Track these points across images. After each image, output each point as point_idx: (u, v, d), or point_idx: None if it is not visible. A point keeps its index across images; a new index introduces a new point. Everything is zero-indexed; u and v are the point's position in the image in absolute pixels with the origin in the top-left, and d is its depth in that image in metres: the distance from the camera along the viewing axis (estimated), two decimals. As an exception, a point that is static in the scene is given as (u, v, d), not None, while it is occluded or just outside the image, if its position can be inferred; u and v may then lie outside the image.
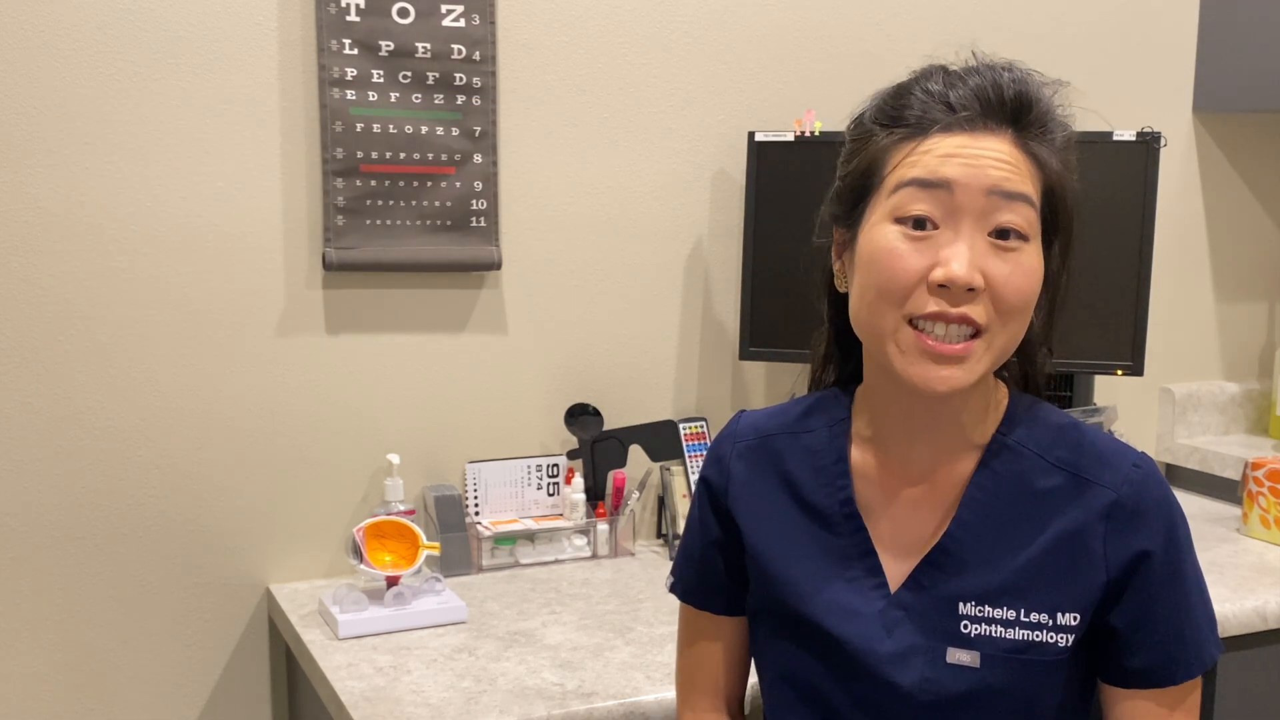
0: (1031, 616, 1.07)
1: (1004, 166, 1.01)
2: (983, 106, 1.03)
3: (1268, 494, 2.04)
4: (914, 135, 1.04)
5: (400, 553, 1.70)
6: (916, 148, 1.03)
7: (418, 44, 1.84)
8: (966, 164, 1.01)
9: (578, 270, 2.01)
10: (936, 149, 1.02)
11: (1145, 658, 1.07)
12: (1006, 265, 1.01)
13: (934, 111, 1.03)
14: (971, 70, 1.06)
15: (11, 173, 1.68)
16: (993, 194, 1.01)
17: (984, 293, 1.01)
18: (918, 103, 1.05)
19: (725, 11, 2.06)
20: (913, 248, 1.02)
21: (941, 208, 1.01)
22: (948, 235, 1.01)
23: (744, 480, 1.19)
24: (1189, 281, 2.53)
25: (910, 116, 1.04)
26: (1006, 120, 1.03)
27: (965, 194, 1.01)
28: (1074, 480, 1.08)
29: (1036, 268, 1.03)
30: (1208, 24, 2.44)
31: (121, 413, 1.77)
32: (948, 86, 1.04)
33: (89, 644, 1.78)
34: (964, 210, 1.01)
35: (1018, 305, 1.02)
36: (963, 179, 1.01)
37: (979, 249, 1.01)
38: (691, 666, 1.26)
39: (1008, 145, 1.03)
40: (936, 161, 1.02)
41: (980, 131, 1.02)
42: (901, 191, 1.03)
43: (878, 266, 1.03)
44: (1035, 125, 1.04)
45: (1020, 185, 1.02)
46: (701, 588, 1.23)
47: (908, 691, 1.08)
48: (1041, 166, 1.04)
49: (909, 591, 1.10)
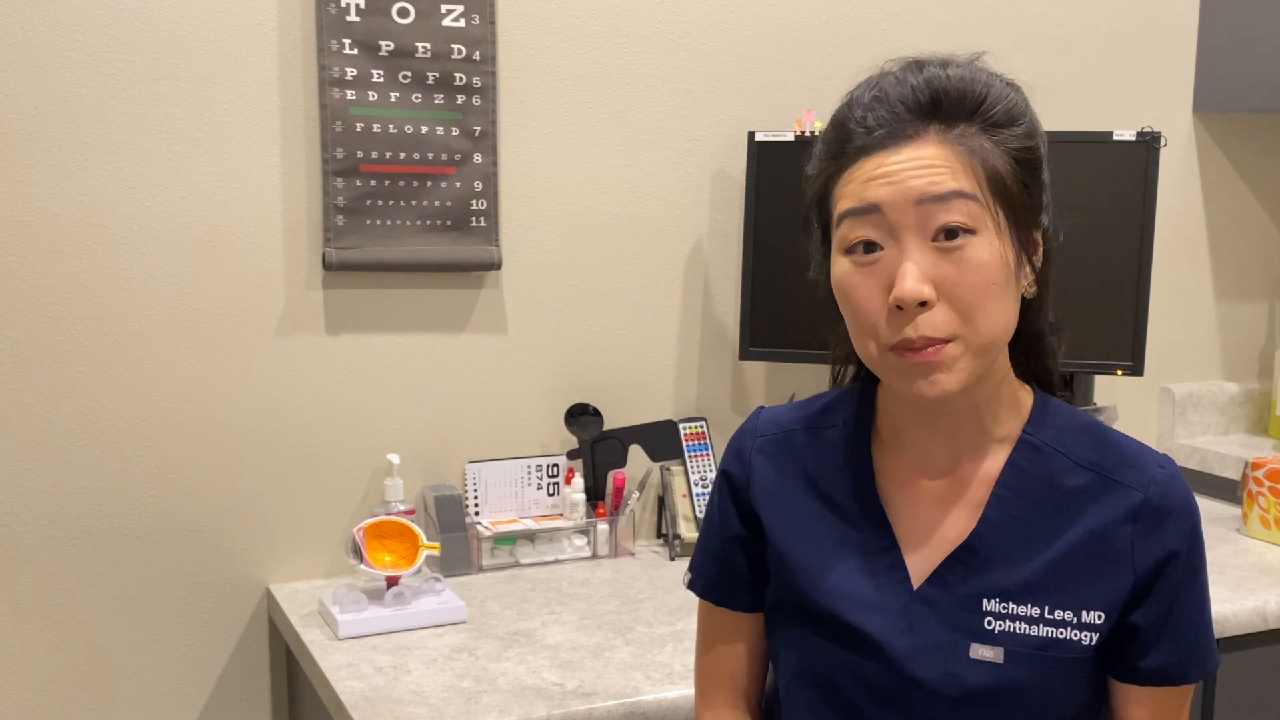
0: (1056, 614, 1.07)
1: (926, 173, 1.01)
2: (896, 116, 1.03)
3: (1268, 494, 2.04)
4: (846, 165, 1.05)
5: (400, 553, 1.70)
6: (848, 176, 1.05)
7: (418, 44, 1.84)
8: (888, 182, 1.02)
9: (578, 270, 2.01)
10: (862, 174, 1.04)
11: (1162, 656, 1.08)
12: (954, 266, 1.01)
13: (858, 138, 1.04)
14: (888, 80, 1.06)
15: (11, 173, 1.68)
16: (922, 202, 1.01)
17: (940, 301, 1.01)
18: (845, 133, 1.06)
19: (725, 11, 2.06)
20: (866, 274, 1.04)
21: (879, 229, 1.03)
22: (893, 253, 1.02)
23: (765, 474, 1.19)
24: (1189, 281, 2.53)
25: (841, 149, 1.06)
26: (927, 118, 1.03)
27: (895, 211, 1.02)
28: (1101, 480, 1.09)
29: (988, 259, 1.02)
30: (1208, 24, 2.44)
31: (121, 413, 1.77)
32: (868, 109, 1.05)
33: (89, 644, 1.78)
34: (900, 226, 1.02)
35: (978, 300, 1.02)
36: (888, 198, 1.02)
37: (926, 260, 1.01)
38: (710, 664, 1.25)
39: (931, 146, 1.02)
40: (863, 188, 1.03)
41: (900, 143, 1.02)
42: (843, 224, 1.05)
43: (845, 303, 1.07)
44: (957, 114, 1.03)
45: (947, 183, 1.01)
46: (721, 583, 1.22)
47: (930, 686, 1.08)
48: (974, 154, 1.02)
49: (933, 587, 1.10)
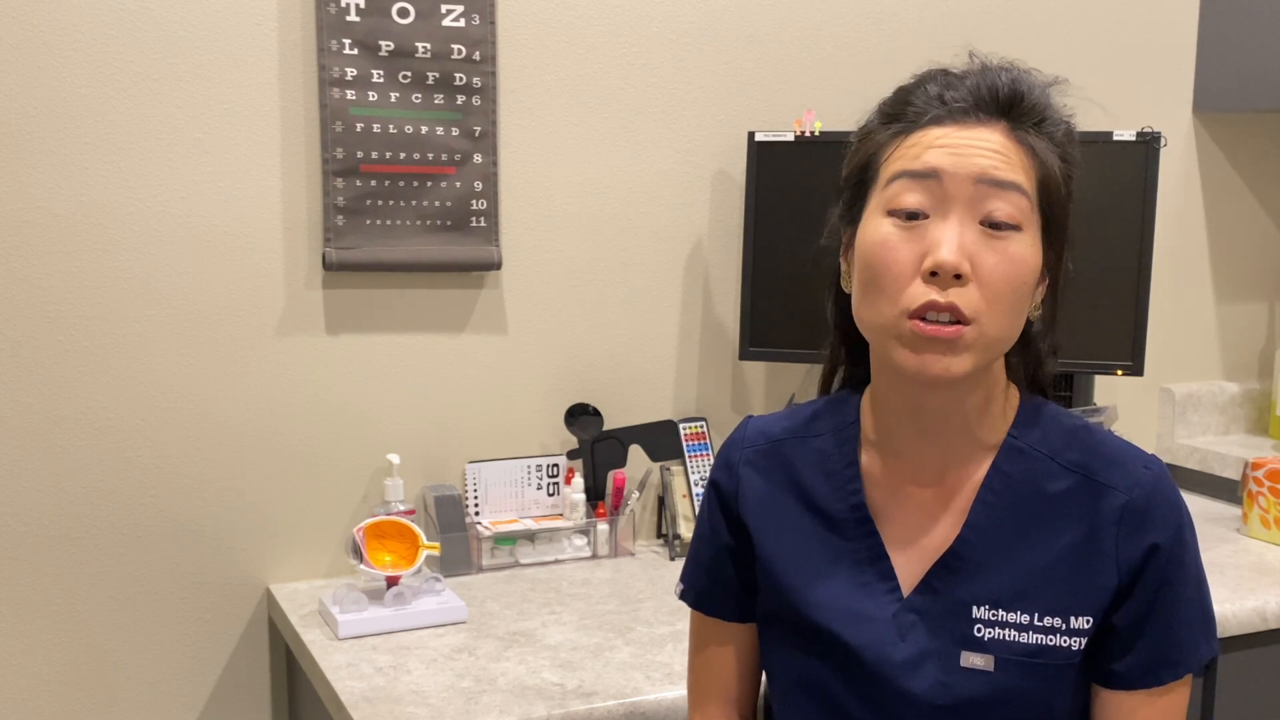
0: (1045, 620, 1.07)
1: (993, 155, 1.02)
2: (976, 101, 1.04)
3: (1268, 494, 2.04)
4: (908, 130, 1.05)
5: (400, 553, 1.70)
6: (909, 139, 1.05)
7: (418, 44, 1.84)
8: (954, 153, 1.02)
9: (578, 270, 2.01)
10: (927, 140, 1.04)
11: (1135, 658, 1.07)
12: (995, 254, 1.02)
13: (928, 109, 1.05)
14: (969, 71, 1.08)
15: (11, 173, 1.68)
16: (981, 182, 1.01)
17: (972, 281, 1.01)
18: (915, 101, 1.06)
19: (725, 11, 2.06)
20: (904, 238, 1.03)
21: (931, 197, 1.02)
22: (938, 223, 1.02)
23: (754, 486, 1.18)
24: (1189, 281, 2.53)
25: (907, 113, 1.06)
26: (999, 112, 1.04)
27: (953, 182, 1.01)
28: (1086, 483, 1.09)
29: (1028, 258, 1.03)
30: (1208, 24, 2.44)
31: (121, 413, 1.77)
32: (945, 86, 1.06)
33: (89, 644, 1.78)
34: (953, 198, 1.02)
35: (1006, 293, 1.02)
36: (950, 167, 1.02)
37: (969, 236, 1.01)
38: (703, 673, 1.25)
39: (1000, 135, 1.04)
40: (925, 152, 1.03)
41: (971, 123, 1.04)
42: (894, 184, 1.04)
43: (873, 258, 1.04)
44: (1029, 117, 1.05)
45: (1010, 174, 1.02)
46: (713, 594, 1.22)
47: (921, 696, 1.07)
48: (1036, 157, 1.04)
49: (921, 595, 1.10)
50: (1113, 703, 1.09)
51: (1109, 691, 1.09)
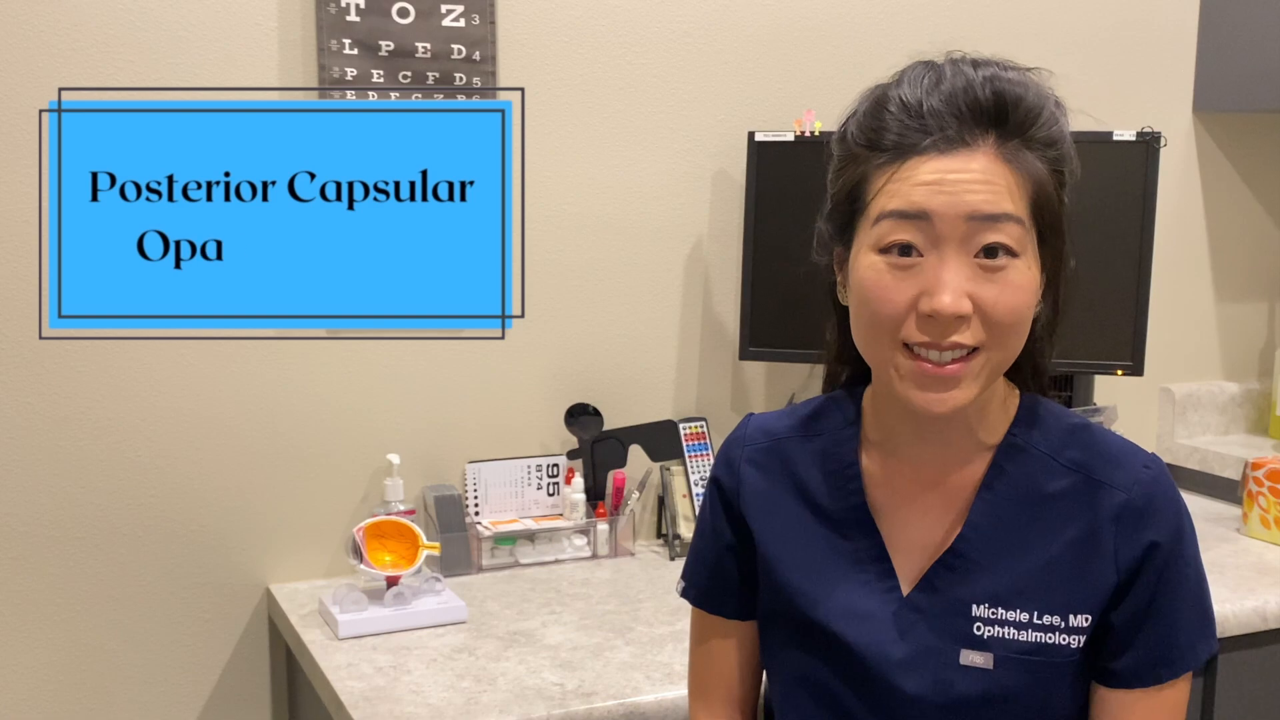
0: (1044, 618, 1.07)
1: (983, 189, 0.99)
2: (958, 118, 1.01)
3: (1268, 494, 2.04)
4: (893, 160, 1.02)
5: (400, 553, 1.70)
6: (895, 173, 1.01)
7: (418, 44, 1.84)
8: (942, 190, 0.99)
9: (577, 270, 2.01)
10: (914, 176, 1.00)
11: (1134, 657, 1.07)
12: (995, 286, 1.00)
13: (910, 134, 1.01)
14: (944, 75, 1.03)
15: (11, 172, 1.68)
16: (973, 219, 0.99)
17: (973, 316, 1.00)
18: (894, 122, 1.02)
19: (725, 11, 2.06)
20: (898, 278, 1.01)
21: (923, 236, 1.00)
22: (933, 261, 1.00)
23: (755, 484, 1.18)
24: (1189, 281, 2.53)
25: (888, 140, 1.02)
26: (987, 125, 1.01)
27: (945, 223, 0.99)
28: (1085, 482, 1.09)
29: (1026, 284, 1.02)
30: (1208, 24, 2.44)
31: (121, 413, 1.77)
32: (925, 94, 1.02)
33: (89, 644, 1.78)
34: (946, 237, 1.00)
35: (1009, 324, 1.02)
36: (940, 209, 0.99)
37: (965, 273, 1.00)
38: (703, 671, 1.25)
39: (988, 160, 1.00)
40: (914, 191, 1.00)
41: (959, 150, 1.00)
42: (883, 223, 1.02)
43: (867, 299, 1.03)
44: (1017, 127, 1.02)
45: (1002, 205, 1.00)
46: (714, 592, 1.22)
47: (922, 694, 1.08)
48: (1028, 174, 1.02)
49: (922, 594, 1.10)
50: (1112, 701, 1.09)
51: (1108, 690, 1.09)
